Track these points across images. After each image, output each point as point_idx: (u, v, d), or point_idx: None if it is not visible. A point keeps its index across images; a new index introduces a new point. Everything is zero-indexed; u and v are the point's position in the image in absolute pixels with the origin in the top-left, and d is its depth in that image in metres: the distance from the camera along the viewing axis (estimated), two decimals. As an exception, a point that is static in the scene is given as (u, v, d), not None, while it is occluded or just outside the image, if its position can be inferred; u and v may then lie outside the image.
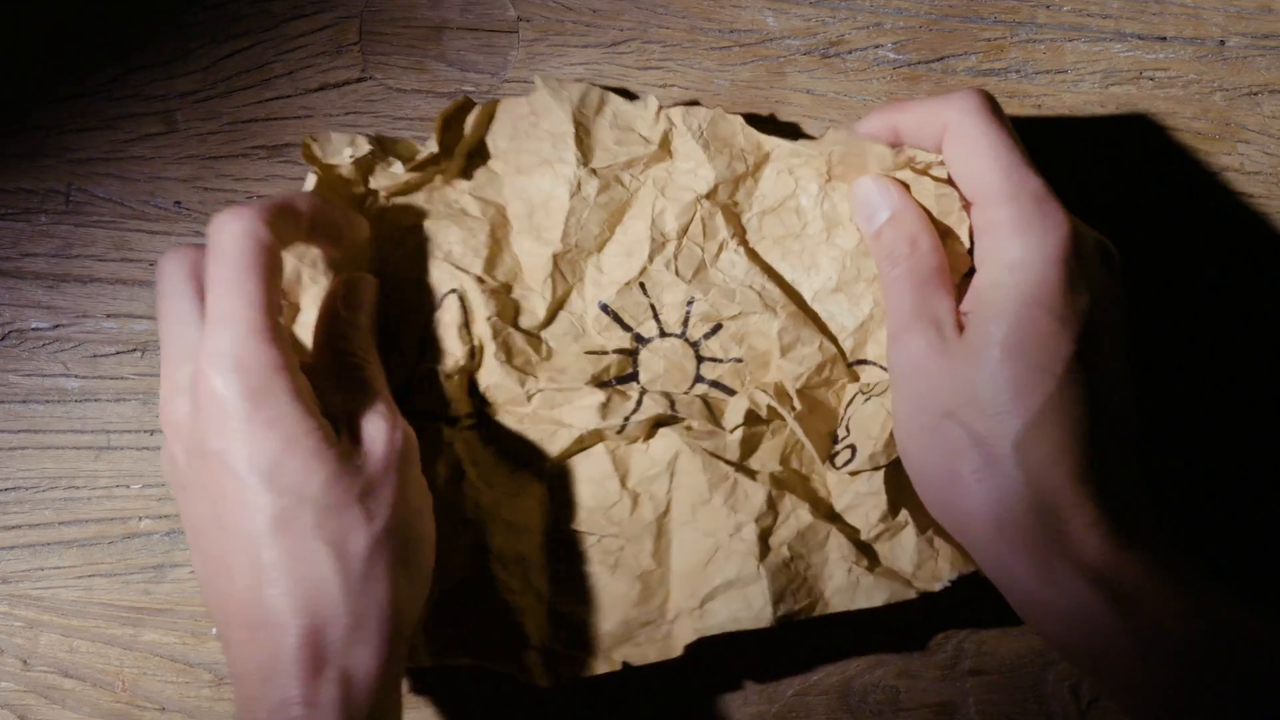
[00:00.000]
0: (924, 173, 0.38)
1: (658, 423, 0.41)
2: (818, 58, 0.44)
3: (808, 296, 0.42)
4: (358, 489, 0.35)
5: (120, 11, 0.44)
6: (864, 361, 0.41)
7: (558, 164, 0.41)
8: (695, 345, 0.42)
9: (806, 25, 0.44)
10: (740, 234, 0.42)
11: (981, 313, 0.36)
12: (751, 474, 0.40)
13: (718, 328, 0.41)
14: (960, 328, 0.37)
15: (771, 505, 0.40)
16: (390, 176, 0.41)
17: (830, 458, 0.41)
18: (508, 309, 0.42)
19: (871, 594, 0.39)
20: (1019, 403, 0.34)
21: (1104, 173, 0.44)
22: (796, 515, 0.40)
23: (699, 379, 0.42)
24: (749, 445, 0.41)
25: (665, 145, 0.42)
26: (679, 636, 0.40)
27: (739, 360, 0.41)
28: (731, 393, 0.41)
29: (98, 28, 0.44)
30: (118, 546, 0.43)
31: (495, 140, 0.42)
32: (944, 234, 0.38)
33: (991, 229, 0.36)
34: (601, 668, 0.40)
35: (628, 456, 0.41)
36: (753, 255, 0.42)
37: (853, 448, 0.41)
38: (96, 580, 0.43)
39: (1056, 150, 0.44)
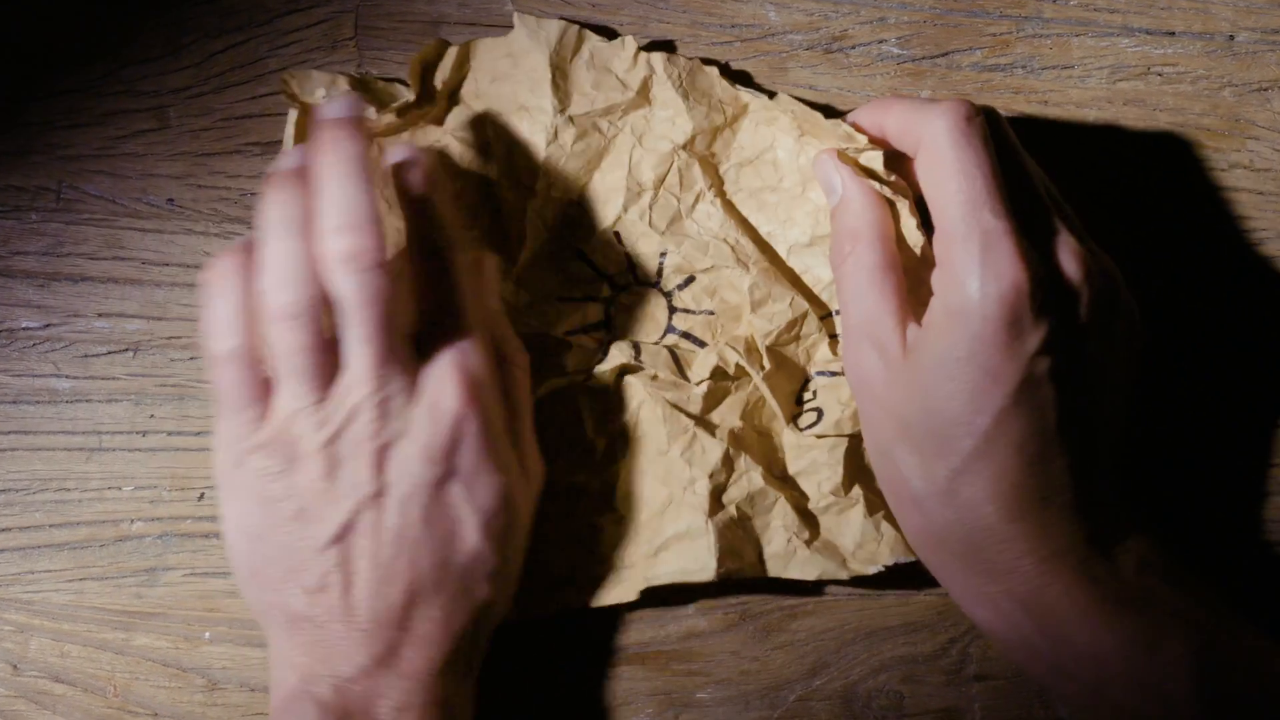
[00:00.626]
0: (854, 161, 0.39)
1: (623, 370, 0.42)
2: (820, 53, 0.44)
3: (783, 250, 0.42)
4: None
5: (111, 6, 0.43)
6: (837, 312, 0.42)
7: (535, 111, 0.42)
8: (669, 295, 0.42)
9: (809, 20, 0.44)
10: (718, 185, 0.42)
11: (924, 349, 0.36)
12: (711, 429, 0.41)
13: (690, 279, 0.42)
14: (905, 346, 0.37)
15: (727, 462, 0.41)
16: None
17: (794, 418, 0.42)
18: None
19: (805, 567, 0.40)
20: (948, 447, 0.36)
21: (1111, 170, 0.44)
22: (749, 476, 0.41)
23: (670, 329, 0.42)
24: (712, 399, 0.41)
25: (644, 92, 0.42)
26: (630, 583, 0.41)
27: (710, 313, 0.42)
28: (702, 344, 0.42)
29: (88, 22, 0.43)
30: (109, 549, 0.43)
31: (477, 82, 0.42)
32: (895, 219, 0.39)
33: (942, 266, 0.36)
34: (558, 608, 0.41)
35: (595, 403, 0.42)
36: (729, 208, 0.42)
37: (819, 410, 0.42)
38: (88, 584, 0.43)
39: (1063, 147, 0.43)
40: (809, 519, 0.41)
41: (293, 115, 0.41)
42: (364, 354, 0.36)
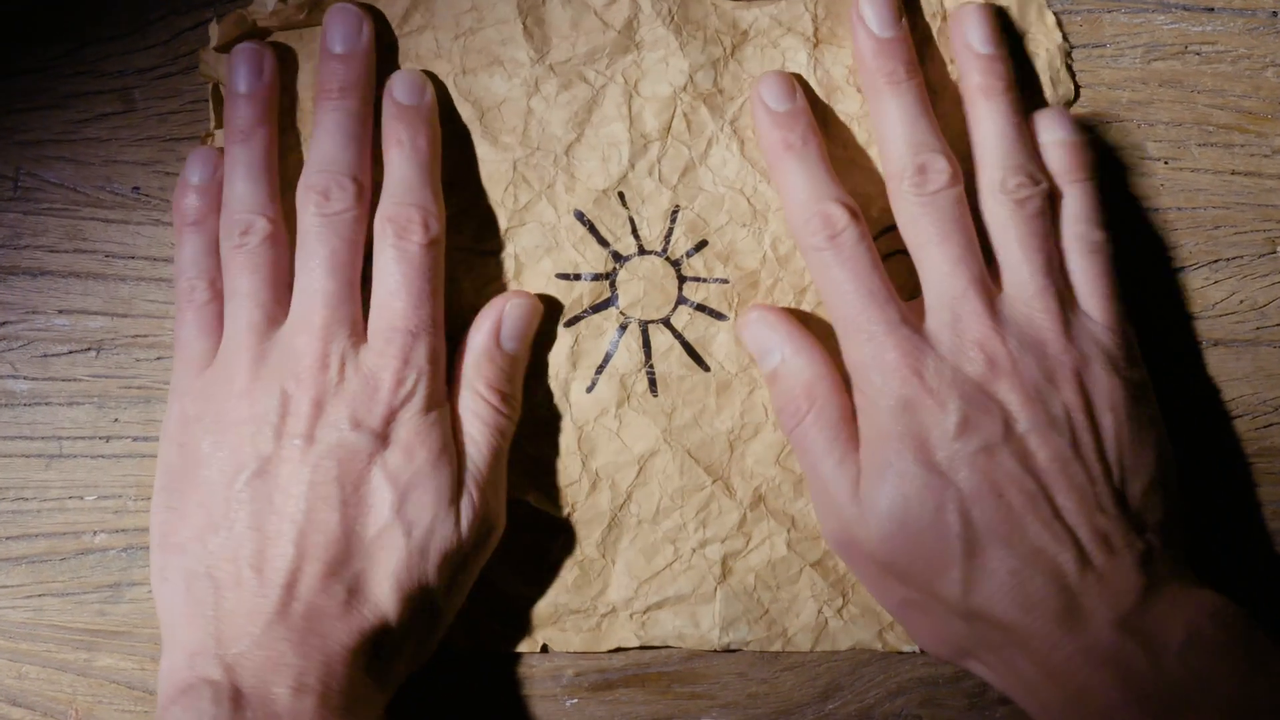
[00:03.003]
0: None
1: (630, 391, 0.40)
2: None
3: None
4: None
5: (73, -20, 0.41)
6: (892, 228, 0.39)
7: (509, 63, 0.40)
8: (676, 264, 0.40)
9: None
10: (731, 123, 0.40)
11: (869, 489, 0.36)
12: (731, 490, 0.39)
13: (702, 244, 0.40)
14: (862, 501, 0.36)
15: (744, 528, 0.39)
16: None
17: None
18: (464, 232, 0.39)
19: (837, 639, 0.40)
20: (939, 573, 0.35)
21: (1146, 156, 0.42)
22: (771, 543, 0.39)
23: (682, 300, 0.40)
24: (743, 425, 0.39)
25: (629, 31, 0.40)
26: (609, 632, 0.40)
27: (724, 281, 0.40)
28: (721, 317, 0.40)
29: (47, -3, 0.41)
30: (70, 563, 0.40)
31: (438, 40, 0.40)
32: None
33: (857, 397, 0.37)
34: (523, 646, 0.40)
35: (595, 436, 0.40)
36: (745, 148, 0.40)
37: None
38: (47, 600, 0.40)
39: (1095, 131, 0.41)
40: (841, 584, 0.40)
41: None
42: (316, 295, 0.37)
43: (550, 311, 0.40)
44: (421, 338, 0.37)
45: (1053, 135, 0.38)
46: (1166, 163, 0.41)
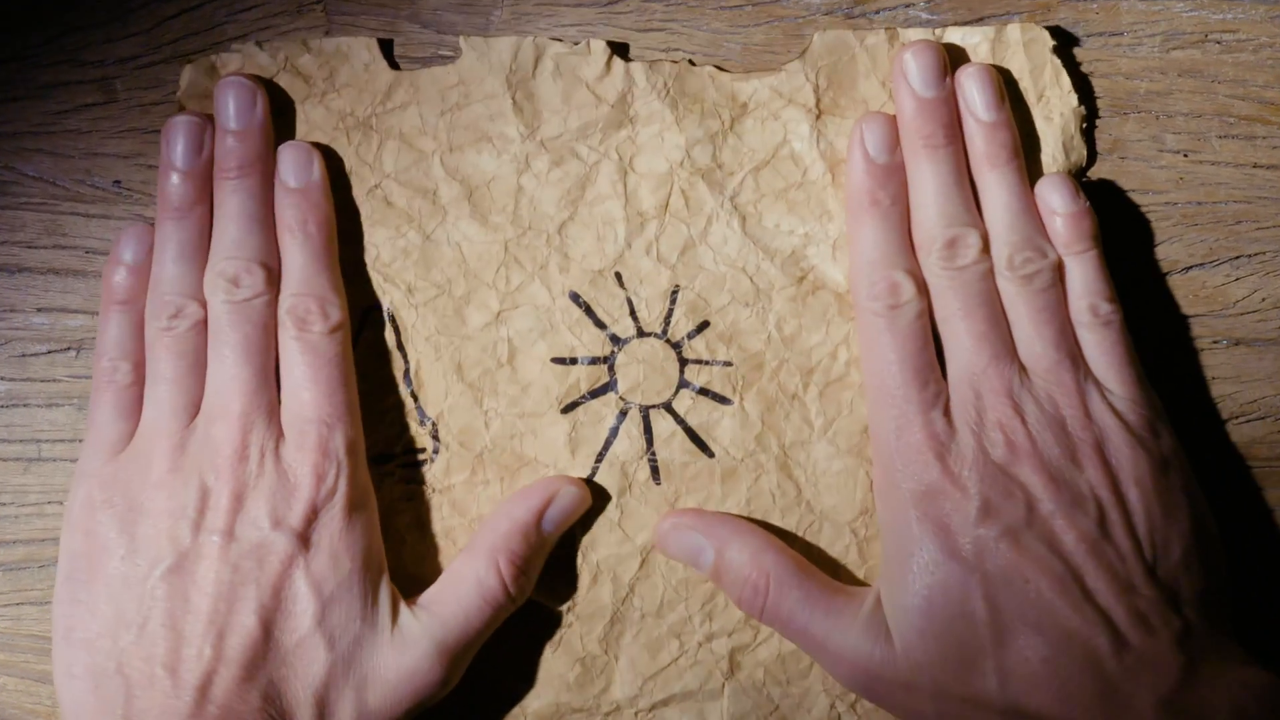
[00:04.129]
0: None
1: (631, 479, 0.38)
2: (841, 18, 0.40)
3: (827, 250, 0.39)
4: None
5: (51, -35, 0.40)
6: None
7: (498, 139, 0.38)
8: (677, 346, 0.39)
9: (828, -19, 0.40)
10: (732, 199, 0.39)
11: (891, 611, 0.35)
12: None
13: (703, 325, 0.39)
14: (877, 640, 0.35)
15: (752, 620, 0.38)
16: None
17: None
18: (455, 315, 0.38)
19: None
20: (945, 693, 0.34)
21: (1165, 148, 0.40)
22: (780, 637, 0.38)
23: (683, 384, 0.38)
24: (737, 484, 0.38)
25: (622, 106, 0.38)
26: None
27: (728, 364, 0.38)
28: (725, 401, 0.38)
29: (25, -17, 0.40)
30: (50, 571, 0.39)
31: (423, 117, 0.38)
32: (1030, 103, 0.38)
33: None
34: None
35: (596, 527, 0.38)
36: (747, 225, 0.39)
37: None
38: (25, 609, 0.39)
39: (1111, 124, 0.40)
40: None
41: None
42: (233, 383, 0.36)
43: (545, 396, 0.38)
44: (336, 428, 0.36)
45: (1054, 206, 0.37)
46: (1186, 155, 0.40)
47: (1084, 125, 0.39)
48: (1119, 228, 0.40)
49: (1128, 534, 0.34)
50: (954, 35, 0.39)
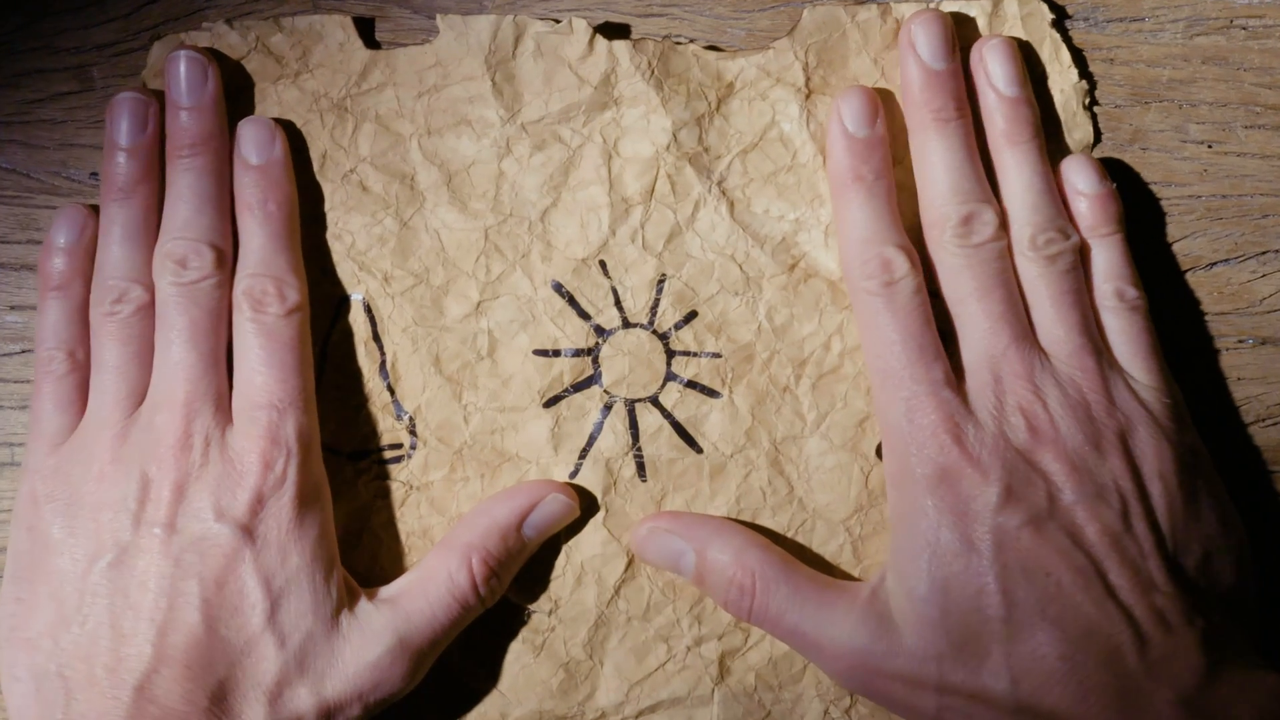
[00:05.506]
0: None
1: (616, 478, 0.37)
2: (851, 3, 0.38)
3: (819, 236, 0.38)
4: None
5: (25, -53, 0.39)
6: None
7: (478, 122, 0.37)
8: (664, 337, 0.37)
9: (836, -36, 0.38)
10: (719, 184, 0.37)
11: (894, 596, 0.34)
12: None
13: (691, 315, 0.37)
14: (879, 624, 0.34)
15: (742, 624, 0.37)
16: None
17: (878, 449, 0.37)
18: (433, 306, 0.37)
19: None
20: (950, 686, 0.33)
21: (1188, 139, 0.39)
22: (772, 639, 0.37)
23: (671, 377, 0.37)
24: (726, 480, 0.37)
25: (606, 87, 0.37)
26: None
27: (717, 355, 0.37)
28: (714, 395, 0.37)
29: (-3, -34, 0.39)
30: None
31: (400, 99, 0.37)
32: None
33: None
34: None
35: (577, 527, 0.37)
36: (735, 210, 0.37)
37: None
38: None
39: (1131, 114, 0.39)
40: None
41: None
42: (177, 369, 0.34)
43: (527, 389, 0.37)
44: (289, 414, 0.34)
45: (1080, 187, 0.36)
46: (1210, 146, 0.39)
47: (1086, 101, 0.38)
48: (1140, 221, 0.38)
49: (1150, 528, 0.33)
50: (950, 8, 0.37)
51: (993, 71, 0.36)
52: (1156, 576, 0.32)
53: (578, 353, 0.37)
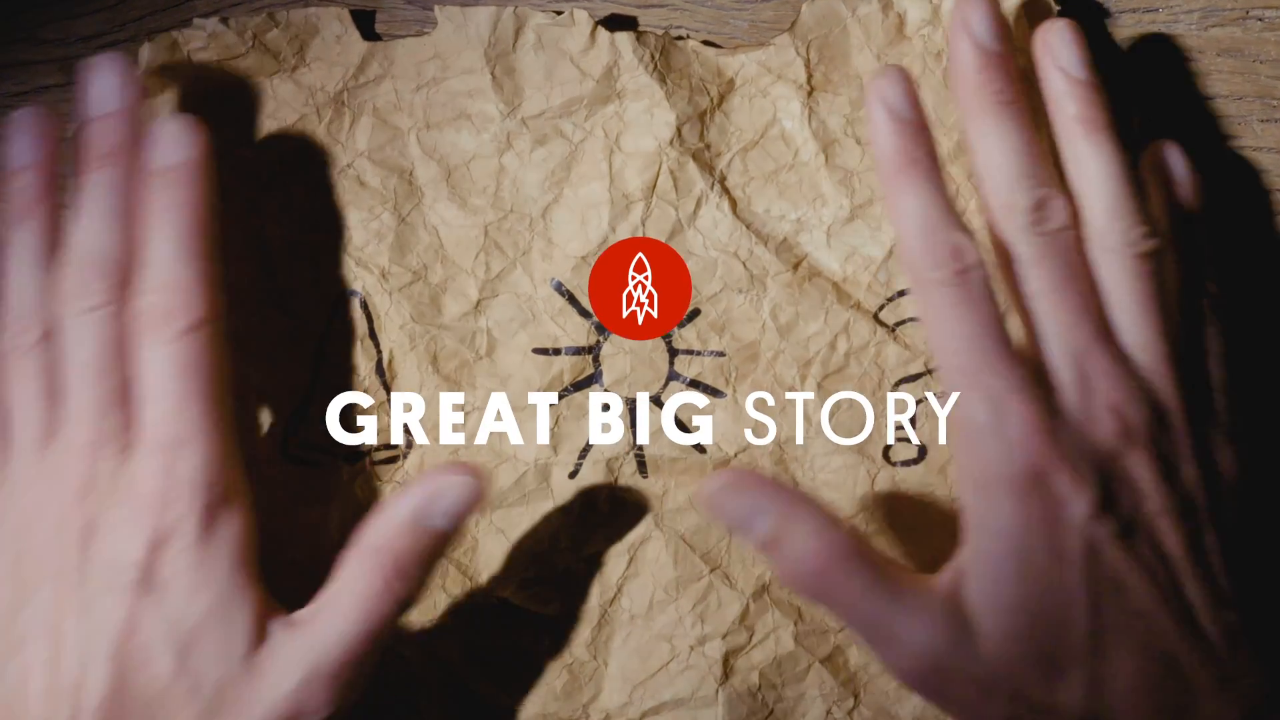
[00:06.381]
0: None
1: (617, 475, 0.37)
2: None
3: (821, 236, 0.37)
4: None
5: (7, -64, 0.38)
6: (904, 293, 0.37)
7: (478, 117, 0.37)
8: (667, 336, 0.37)
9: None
10: (720, 181, 0.37)
11: (970, 589, 0.32)
12: (731, 581, 0.37)
13: (694, 314, 0.37)
14: (947, 614, 0.32)
15: (746, 621, 0.37)
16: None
17: (885, 451, 0.37)
18: (431, 303, 0.37)
19: None
20: (1023, 696, 0.32)
21: (1202, 133, 0.39)
22: (776, 637, 0.37)
23: (673, 376, 0.37)
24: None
25: (608, 80, 0.37)
26: None
27: (721, 354, 0.37)
28: (717, 394, 0.37)
29: (-22, -45, 0.38)
30: None
31: (397, 91, 0.37)
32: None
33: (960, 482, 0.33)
34: None
35: (580, 526, 0.37)
36: (738, 208, 0.37)
37: (922, 448, 0.37)
38: None
39: (1145, 107, 0.38)
40: (852, 682, 0.37)
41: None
42: (81, 406, 0.32)
43: (527, 388, 0.36)
44: (189, 446, 0.32)
45: (1176, 175, 0.35)
46: (1226, 140, 0.38)
47: None
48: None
49: (1220, 546, 0.32)
50: None
51: (1060, 54, 0.34)
52: (1226, 595, 0.32)
53: (578, 351, 0.37)
